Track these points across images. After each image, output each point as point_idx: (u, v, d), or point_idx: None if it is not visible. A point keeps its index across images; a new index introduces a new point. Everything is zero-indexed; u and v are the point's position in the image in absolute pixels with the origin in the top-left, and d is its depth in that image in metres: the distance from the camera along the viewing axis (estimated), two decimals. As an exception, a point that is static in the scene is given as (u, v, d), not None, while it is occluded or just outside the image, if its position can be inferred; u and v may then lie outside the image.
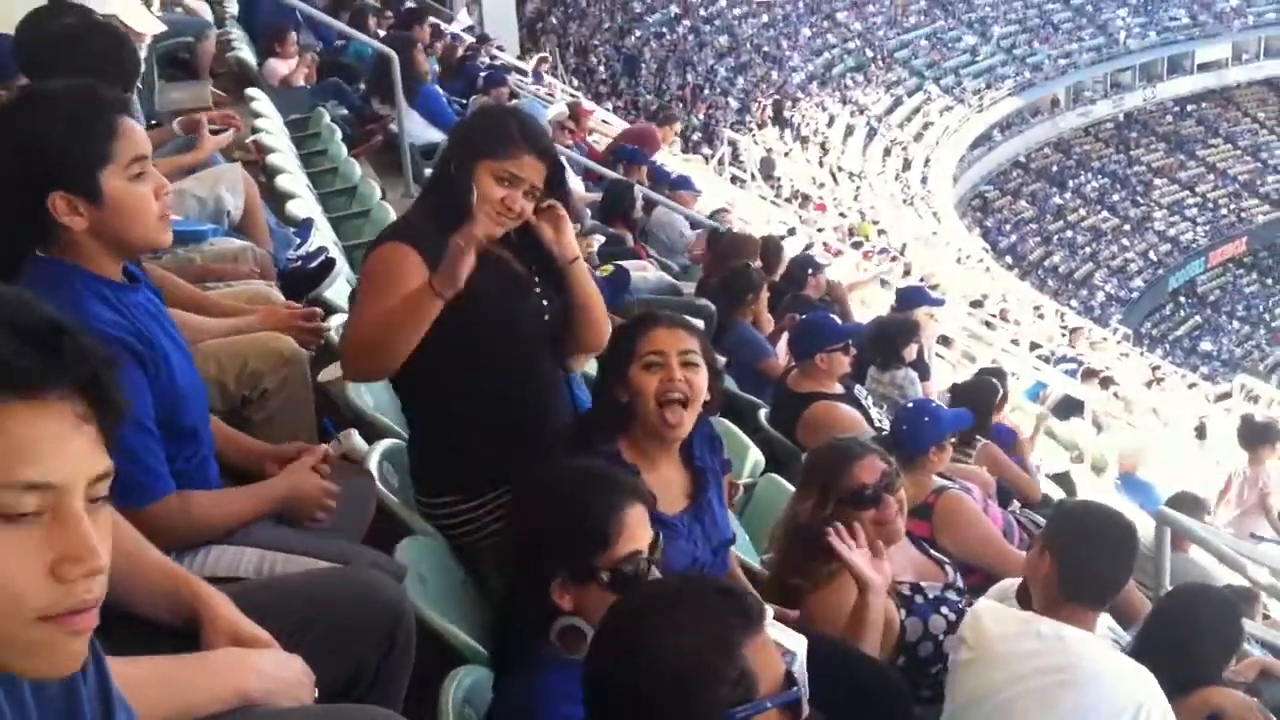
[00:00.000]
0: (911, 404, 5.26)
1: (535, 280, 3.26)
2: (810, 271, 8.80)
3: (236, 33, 9.98)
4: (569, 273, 3.23)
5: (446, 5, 24.01)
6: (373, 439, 3.45)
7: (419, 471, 3.34)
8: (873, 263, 16.85)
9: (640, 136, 12.08)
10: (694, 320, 5.85)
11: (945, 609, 3.71)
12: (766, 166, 30.63)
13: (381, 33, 11.45)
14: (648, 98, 36.78)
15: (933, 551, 4.16)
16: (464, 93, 11.79)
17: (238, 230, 4.71)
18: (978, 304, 19.92)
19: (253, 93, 7.99)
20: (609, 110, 26.20)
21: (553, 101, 14.42)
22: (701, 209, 11.94)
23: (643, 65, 38.34)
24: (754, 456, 5.00)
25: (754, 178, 25.41)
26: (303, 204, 5.75)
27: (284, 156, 6.50)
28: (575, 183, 10.08)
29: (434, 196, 3.21)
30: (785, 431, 5.69)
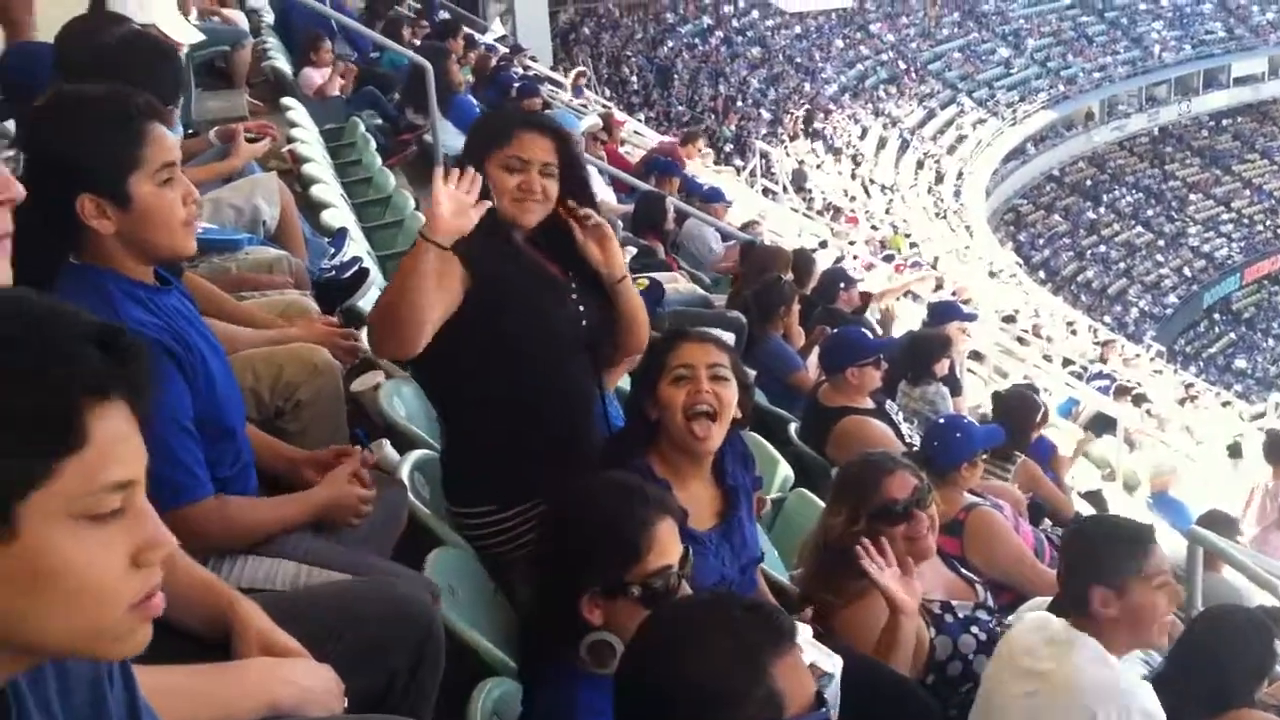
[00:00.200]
0: (943, 420, 5.23)
1: (572, 286, 3.27)
2: (843, 286, 8.80)
3: (272, 42, 10.04)
4: (617, 291, 3.29)
5: (480, 16, 24.12)
6: (404, 449, 3.47)
7: (452, 481, 3.35)
8: (904, 275, 16.79)
9: (665, 153, 12.12)
10: (725, 333, 5.94)
11: (976, 628, 3.68)
12: (798, 178, 30.58)
13: (416, 43, 11.51)
14: (680, 109, 36.80)
15: (963, 570, 4.14)
16: (497, 103, 11.81)
17: (273, 239, 4.74)
18: (1010, 319, 19.81)
19: (288, 102, 8.03)
20: (641, 121, 26.23)
21: (586, 113, 14.44)
22: (733, 221, 11.94)
23: (675, 76, 38.35)
24: (783, 471, 5.00)
25: (786, 190, 25.35)
26: (337, 214, 5.78)
27: (319, 166, 6.53)
28: (607, 194, 10.10)
29: None
30: (815, 446, 5.67)
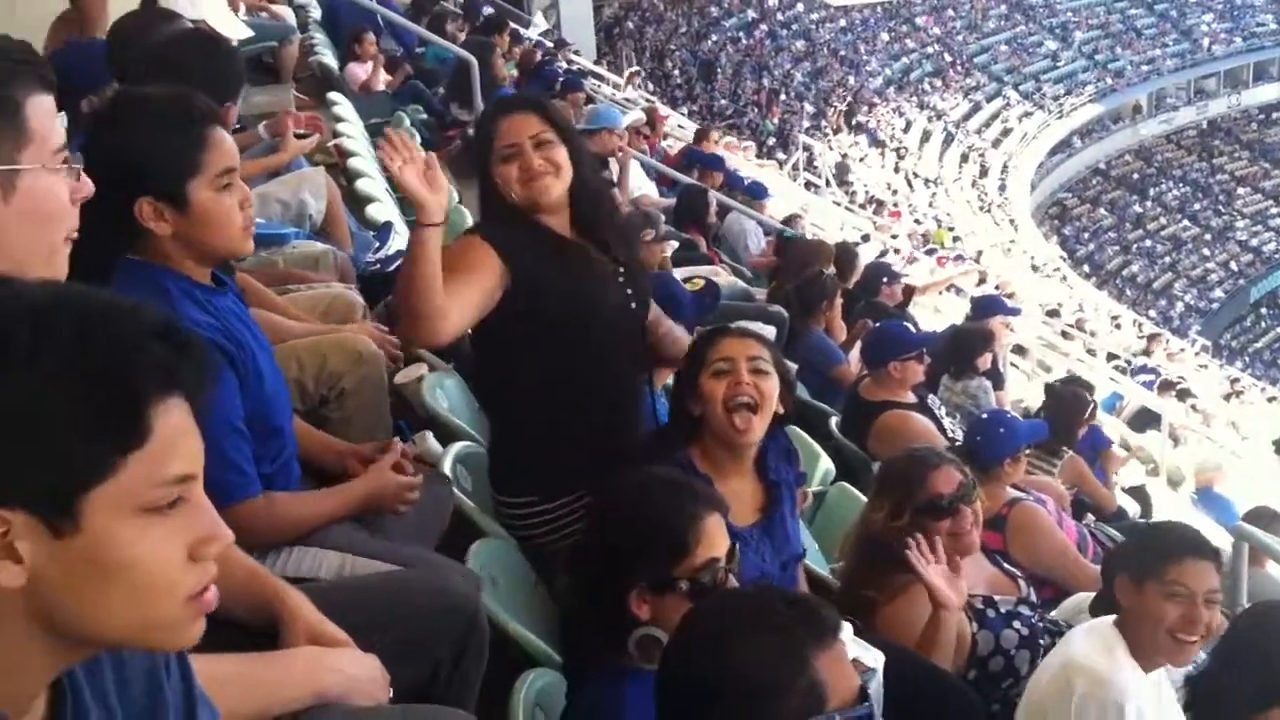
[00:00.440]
0: (986, 414, 5.21)
1: (620, 272, 3.28)
2: (886, 280, 8.77)
3: (319, 37, 10.08)
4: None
5: (525, 10, 24.18)
6: (447, 441, 3.49)
7: (498, 471, 3.36)
8: (947, 267, 16.72)
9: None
10: (766, 327, 5.93)
11: (1018, 623, 3.67)
12: (841, 172, 30.49)
13: (461, 37, 11.54)
14: (723, 103, 36.72)
15: (1005, 565, 4.13)
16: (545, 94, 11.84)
17: (319, 234, 4.79)
18: (1054, 313, 19.68)
19: (334, 97, 8.09)
20: (684, 115, 26.21)
21: (630, 107, 14.44)
22: (775, 215, 11.92)
23: (719, 70, 38.27)
24: (825, 465, 4.99)
25: (828, 183, 25.30)
26: (382, 208, 5.82)
27: (364, 160, 6.58)
28: (649, 188, 10.11)
29: (487, 205, 3.28)
30: (857, 440, 5.65)
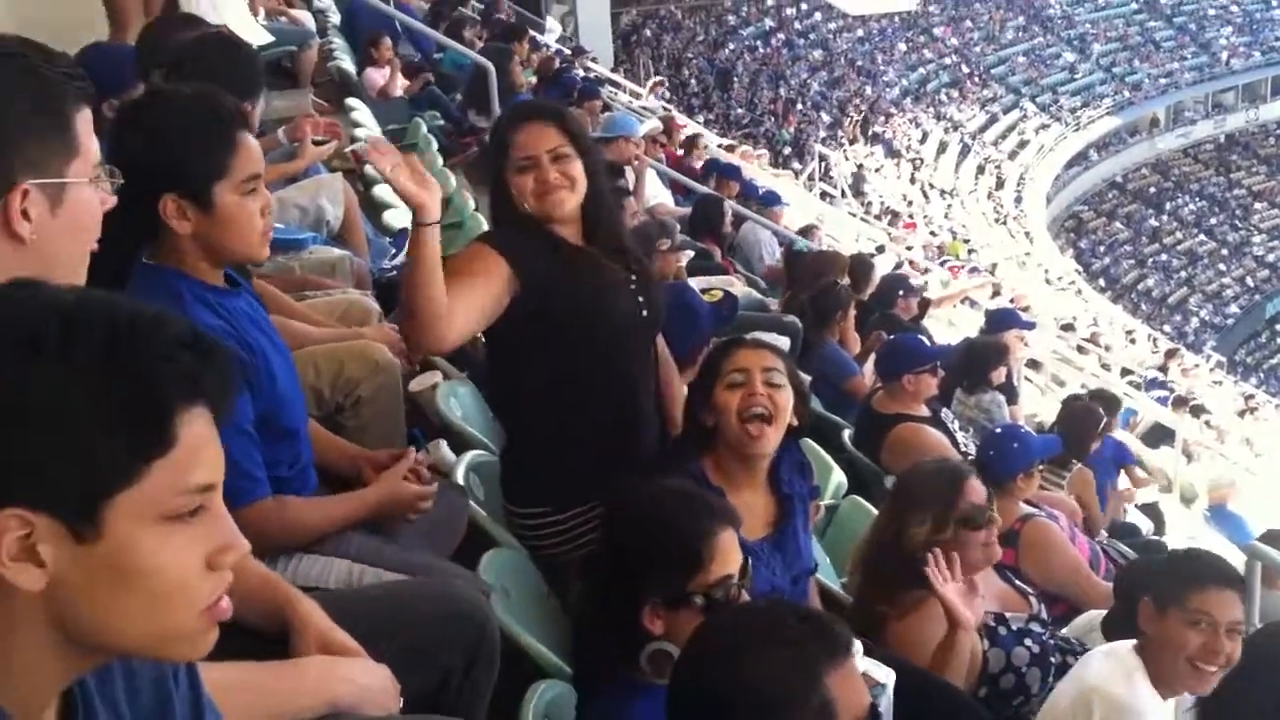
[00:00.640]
0: (1000, 429, 5.20)
1: (632, 279, 3.28)
2: (902, 293, 8.73)
3: (338, 42, 10.10)
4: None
5: (541, 16, 24.22)
6: (461, 449, 3.50)
7: (510, 481, 3.36)
8: (961, 278, 16.70)
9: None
10: (780, 337, 5.92)
11: (1029, 641, 3.66)
12: (857, 182, 30.46)
13: (479, 43, 11.56)
14: (739, 111, 36.72)
15: (1017, 581, 4.12)
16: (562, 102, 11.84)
17: (337, 239, 4.80)
18: (1069, 327, 19.63)
19: (352, 103, 8.10)
20: (700, 124, 26.21)
21: (647, 115, 14.44)
22: (791, 225, 11.91)
23: (735, 79, 38.27)
24: (837, 478, 4.97)
25: (844, 194, 25.25)
26: (399, 214, 5.81)
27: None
28: (664, 196, 10.12)
29: (498, 211, 3.31)
30: (869, 453, 5.63)
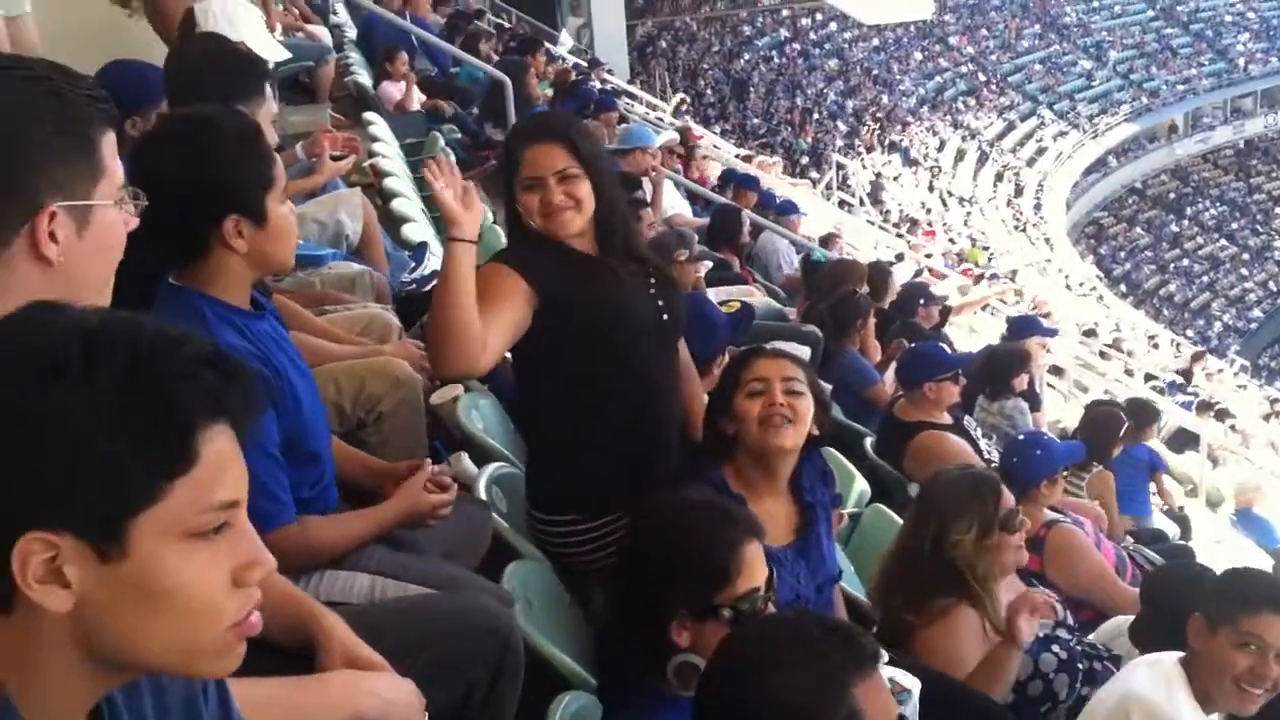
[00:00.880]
0: (1023, 436, 5.19)
1: (651, 282, 3.28)
2: (923, 302, 8.71)
3: (355, 57, 10.15)
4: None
5: (556, 28, 24.29)
6: (482, 462, 3.49)
7: (537, 490, 3.35)
8: (981, 286, 16.64)
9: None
10: (801, 347, 5.91)
11: (1056, 647, 3.65)
12: (875, 191, 30.44)
13: (495, 57, 11.59)
14: (755, 121, 36.73)
15: (1042, 588, 4.09)
16: (577, 115, 11.85)
17: (356, 254, 4.81)
18: (1091, 333, 19.56)
19: (370, 117, 8.12)
20: (717, 134, 26.24)
21: (663, 127, 14.46)
22: (810, 234, 11.89)
23: (751, 89, 38.28)
24: (860, 486, 4.95)
25: (862, 203, 25.25)
26: (417, 228, 5.83)
27: (400, 180, 6.61)
28: (682, 207, 10.11)
29: (512, 224, 3.29)
30: (892, 461, 5.61)
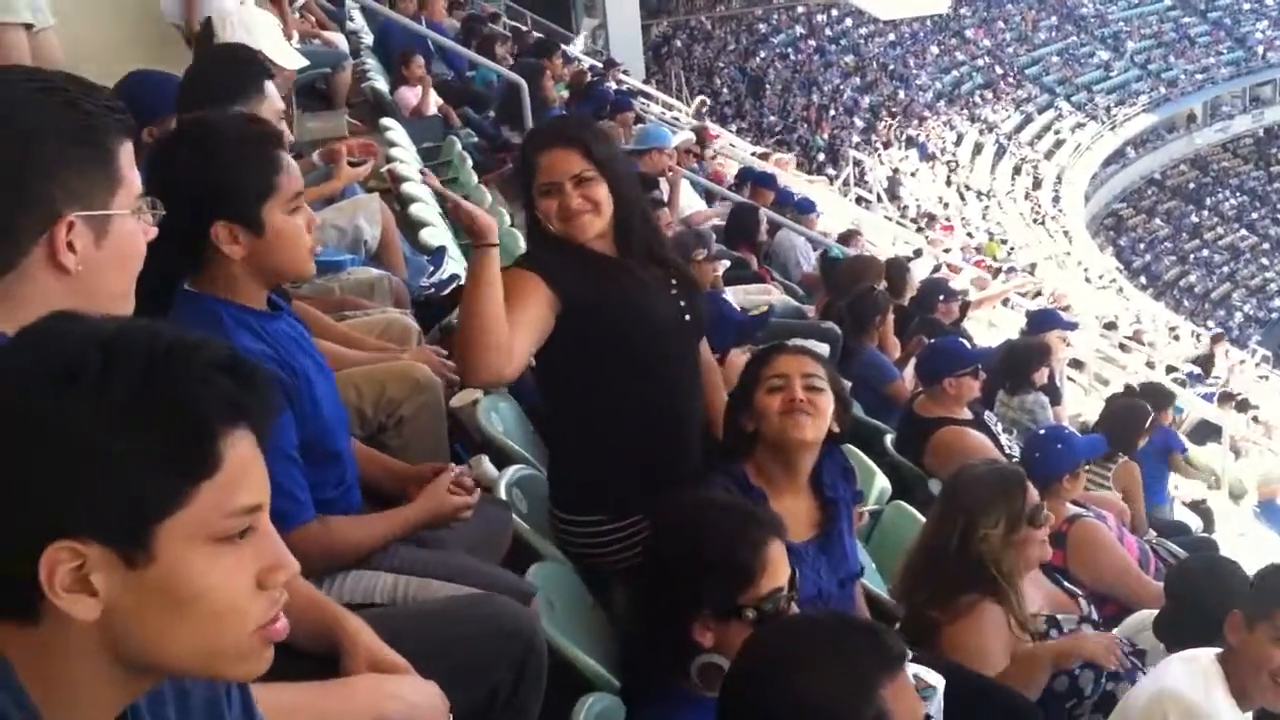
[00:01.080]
0: (1044, 430, 5.18)
1: (672, 282, 3.28)
2: (942, 298, 8.69)
3: (371, 63, 10.17)
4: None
5: (572, 30, 24.30)
6: (503, 464, 3.50)
7: (562, 491, 3.36)
8: (998, 280, 16.59)
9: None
10: (820, 344, 5.91)
11: (1081, 643, 3.64)
12: (892, 186, 30.37)
13: (510, 60, 11.61)
14: (772, 119, 36.69)
15: (1066, 583, 4.09)
16: (592, 116, 11.84)
17: (375, 259, 4.83)
18: (1111, 326, 19.46)
19: (387, 122, 8.15)
20: (733, 132, 26.21)
21: (679, 127, 14.45)
22: (830, 231, 11.87)
23: (767, 86, 38.24)
24: (880, 483, 4.95)
25: (880, 198, 25.19)
26: (436, 232, 5.85)
27: (418, 185, 6.62)
28: (698, 205, 10.13)
29: (531, 228, 3.28)
30: (913, 458, 5.60)
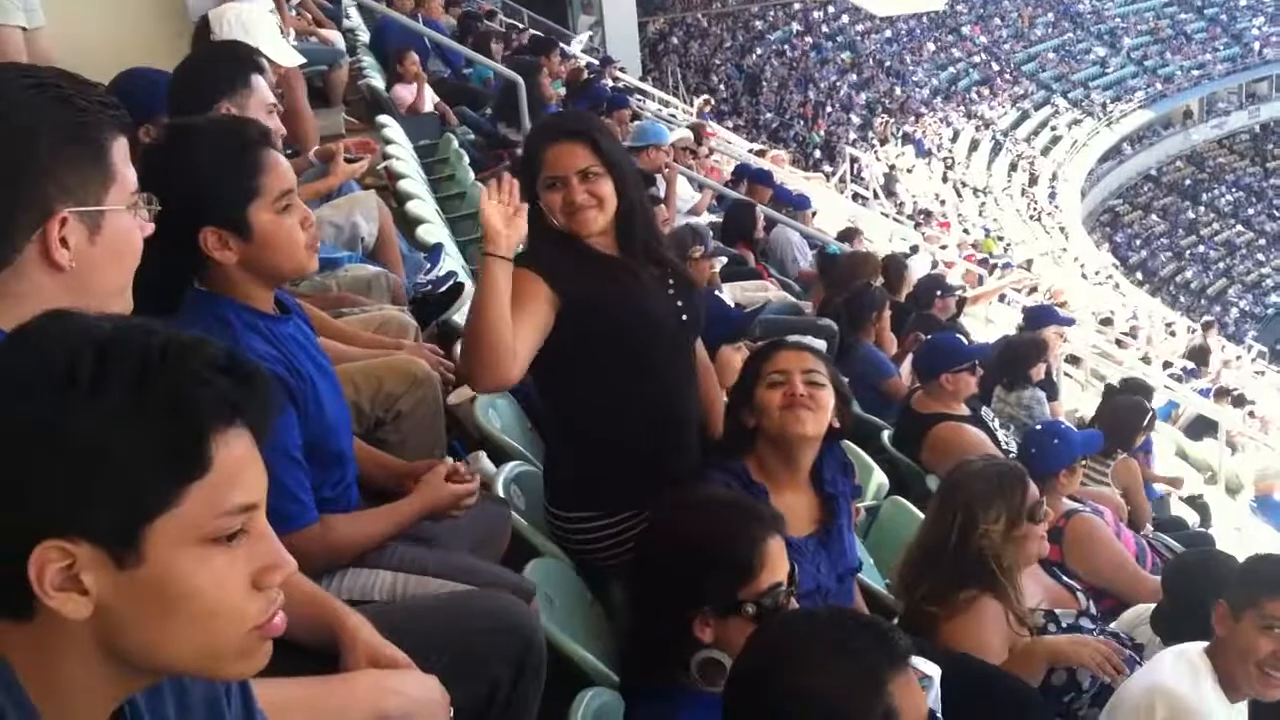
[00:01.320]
0: (1040, 426, 5.18)
1: (670, 282, 3.28)
2: (939, 293, 8.69)
3: (368, 60, 10.16)
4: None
5: (570, 27, 24.30)
6: (500, 461, 3.51)
7: (557, 487, 3.36)
8: (995, 276, 16.61)
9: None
10: (817, 340, 5.91)
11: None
12: (889, 183, 30.36)
13: (504, 55, 11.61)
14: (768, 116, 36.69)
15: (1064, 578, 4.10)
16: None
17: (371, 256, 4.82)
18: (1107, 321, 19.48)
19: (384, 119, 8.13)
20: (730, 129, 26.21)
21: (676, 124, 14.45)
22: (827, 228, 11.88)
23: (764, 83, 38.24)
24: (878, 479, 4.96)
25: (876, 195, 25.17)
26: (433, 229, 5.84)
27: (414, 182, 6.61)
28: (694, 201, 10.14)
29: (532, 224, 3.26)
30: (910, 453, 5.61)
